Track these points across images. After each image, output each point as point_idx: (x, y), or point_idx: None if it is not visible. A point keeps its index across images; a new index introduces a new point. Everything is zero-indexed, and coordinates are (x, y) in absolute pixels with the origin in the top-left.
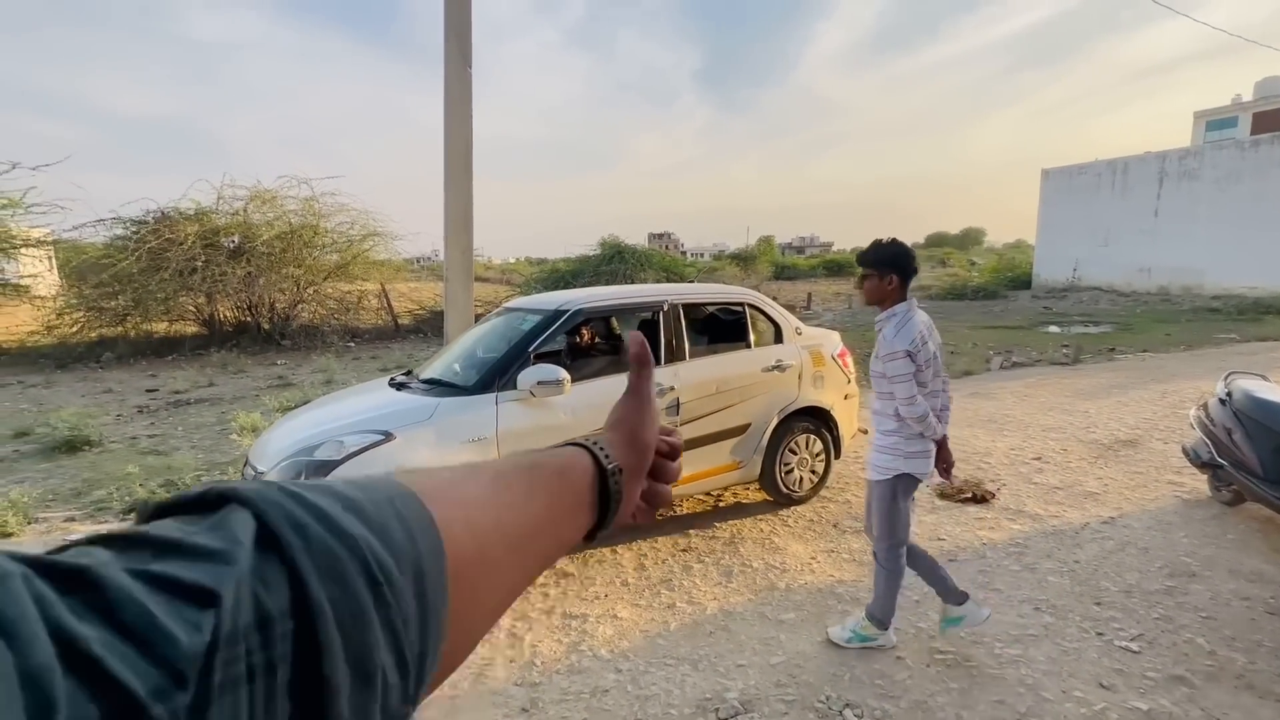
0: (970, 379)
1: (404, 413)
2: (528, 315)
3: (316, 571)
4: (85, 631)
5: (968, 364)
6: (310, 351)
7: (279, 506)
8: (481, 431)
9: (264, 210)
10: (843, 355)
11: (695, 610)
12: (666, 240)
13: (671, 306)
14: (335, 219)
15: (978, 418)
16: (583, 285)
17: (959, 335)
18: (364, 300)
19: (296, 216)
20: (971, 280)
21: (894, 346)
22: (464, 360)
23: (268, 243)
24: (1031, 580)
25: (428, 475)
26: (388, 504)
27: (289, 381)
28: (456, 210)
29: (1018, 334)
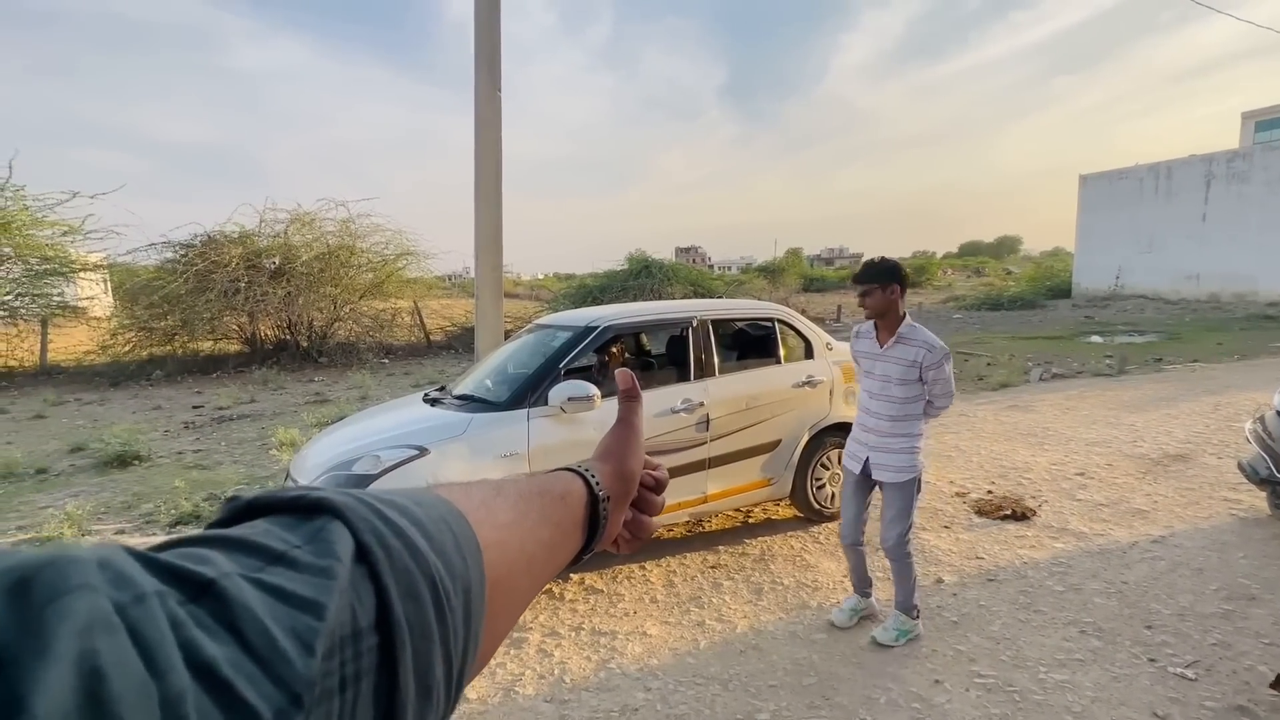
0: (1008, 391)
1: (438, 428)
2: (558, 332)
3: (398, 589)
4: (215, 652)
5: (1005, 375)
6: (346, 368)
7: (368, 522)
8: (514, 447)
9: (303, 232)
10: None
11: (725, 629)
12: (694, 254)
13: (701, 322)
14: (370, 239)
15: (1017, 431)
16: (611, 301)
17: (996, 346)
18: (398, 318)
19: (334, 237)
20: (1008, 289)
21: (941, 353)
22: (495, 376)
23: (306, 263)
24: (1076, 602)
25: (465, 494)
26: (445, 525)
27: (326, 398)
28: (487, 228)
29: (1058, 344)
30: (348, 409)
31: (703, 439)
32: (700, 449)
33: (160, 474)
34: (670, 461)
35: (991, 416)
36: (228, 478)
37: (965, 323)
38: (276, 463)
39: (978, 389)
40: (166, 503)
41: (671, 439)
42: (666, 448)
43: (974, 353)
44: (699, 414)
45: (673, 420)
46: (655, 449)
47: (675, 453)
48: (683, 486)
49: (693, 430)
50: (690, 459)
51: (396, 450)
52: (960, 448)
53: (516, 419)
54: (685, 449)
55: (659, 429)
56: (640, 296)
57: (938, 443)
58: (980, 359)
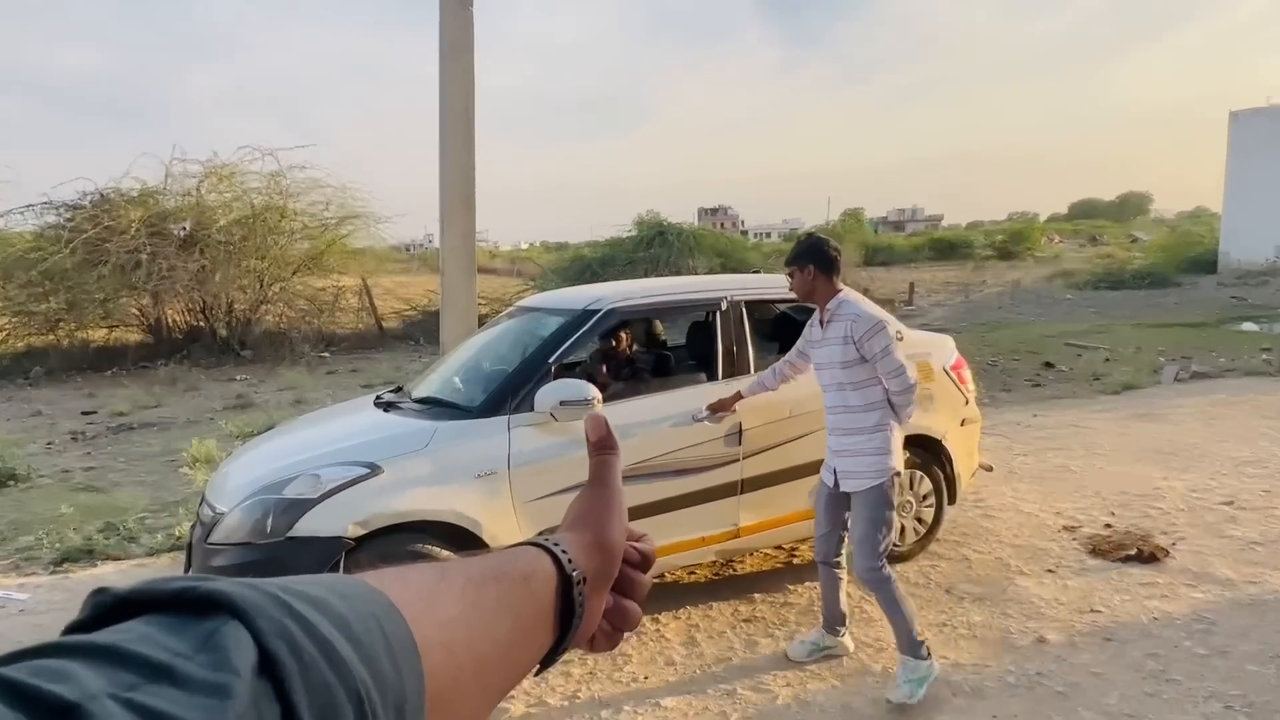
0: (1134, 395)
1: (393, 440)
2: (547, 317)
3: (312, 709)
4: None
5: (1130, 375)
6: (276, 363)
7: (276, 623)
8: (490, 464)
9: (221, 190)
10: (958, 367)
11: (763, 700)
12: (721, 216)
13: (731, 304)
14: (306, 198)
15: (1143, 447)
16: (614, 277)
17: (1117, 336)
18: (341, 299)
19: (259, 196)
20: (1132, 262)
21: (869, 321)
22: (466, 374)
23: (225, 229)
24: (1222, 669)
25: (400, 581)
26: (374, 622)
27: (251, 401)
28: (455, 184)
29: (1199, 334)
30: (279, 416)
31: (734, 455)
32: (731, 468)
33: (42, 498)
34: (691, 484)
35: (1111, 428)
36: (128, 503)
37: (1078, 306)
38: (188, 484)
39: (1093, 392)
40: (50, 534)
41: (692, 455)
42: (685, 466)
43: (1088, 345)
44: (729, 423)
45: (694, 431)
46: (670, 468)
47: (698, 473)
48: (707, 516)
49: (721, 444)
50: (717, 481)
51: (341, 468)
52: (1070, 468)
53: (494, 429)
54: (711, 468)
55: (674, 442)
56: (653, 271)
57: (1038, 462)
58: (1096, 353)
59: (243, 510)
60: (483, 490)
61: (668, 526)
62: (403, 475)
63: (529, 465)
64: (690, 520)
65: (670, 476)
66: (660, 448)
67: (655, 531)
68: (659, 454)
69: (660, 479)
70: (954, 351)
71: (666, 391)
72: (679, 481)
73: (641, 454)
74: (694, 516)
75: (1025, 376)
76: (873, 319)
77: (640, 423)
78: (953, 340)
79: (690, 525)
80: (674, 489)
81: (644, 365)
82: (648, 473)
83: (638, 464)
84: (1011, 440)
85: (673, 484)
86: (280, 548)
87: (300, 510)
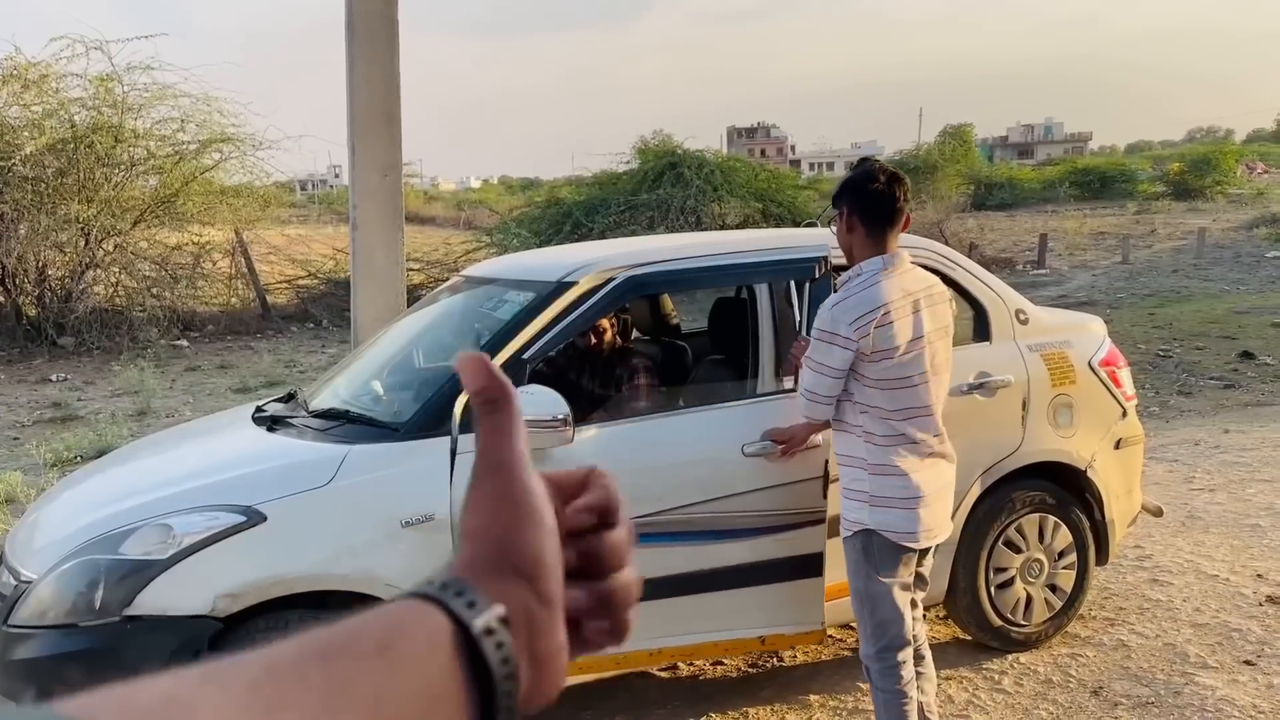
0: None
1: (281, 473)
2: (507, 291)
3: None
4: None
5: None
6: (110, 355)
7: None
8: (424, 507)
9: (26, 100)
10: (1111, 361)
11: None
12: (762, 140)
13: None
14: (153, 113)
15: None
16: (608, 231)
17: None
18: (205, 261)
19: (85, 110)
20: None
21: (822, 321)
22: (391, 375)
23: (33, 160)
24: None
25: (128, 700)
26: None
27: (72, 413)
28: (370, 91)
29: None
30: (113, 435)
31: (818, 511)
32: (813, 533)
33: None
34: (741, 552)
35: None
36: None
37: None
38: None
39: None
40: None
41: (743, 508)
42: (731, 525)
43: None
44: (807, 461)
45: (745, 470)
46: (703, 526)
47: (755, 536)
48: (771, 604)
49: (797, 492)
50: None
51: (203, 515)
52: (1276, 509)
53: (428, 455)
54: (780, 528)
55: (712, 486)
56: (661, 221)
57: (1231, 501)
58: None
59: (60, 577)
60: (413, 545)
61: (701, 614)
62: (294, 525)
63: None
64: (740, 607)
65: (703, 540)
66: (686, 494)
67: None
68: (681, 504)
69: (685, 542)
70: (1105, 339)
71: (693, 411)
72: (720, 548)
73: (653, 502)
74: (747, 602)
75: (1213, 373)
76: (825, 320)
77: (644, 454)
78: (1103, 322)
79: (741, 615)
80: (711, 558)
81: (646, 365)
82: (661, 531)
83: (647, 519)
84: (1192, 469)
85: (709, 551)
86: (115, 632)
87: (144, 577)
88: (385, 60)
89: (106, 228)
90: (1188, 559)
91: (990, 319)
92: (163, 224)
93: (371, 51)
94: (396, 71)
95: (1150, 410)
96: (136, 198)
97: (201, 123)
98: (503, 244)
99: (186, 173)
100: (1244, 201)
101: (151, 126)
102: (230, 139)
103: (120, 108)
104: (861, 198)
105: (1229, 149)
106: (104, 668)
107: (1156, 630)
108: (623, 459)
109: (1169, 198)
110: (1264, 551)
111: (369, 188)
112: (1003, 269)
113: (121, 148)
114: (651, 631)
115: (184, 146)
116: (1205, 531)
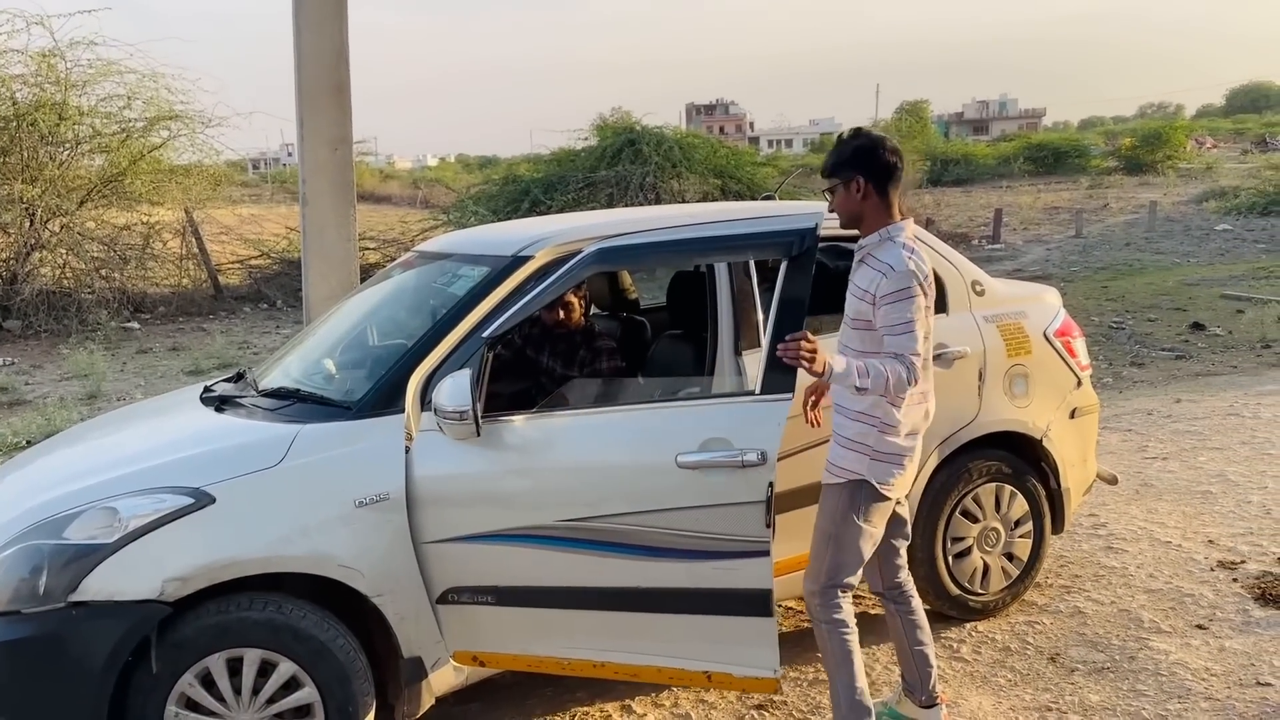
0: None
1: (230, 453)
2: (461, 266)
3: None
4: None
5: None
6: (57, 338)
7: None
8: (378, 486)
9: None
10: (1066, 332)
11: None
12: (721, 117)
13: (815, 241)
14: (97, 90)
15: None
16: (567, 207)
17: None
18: (155, 241)
19: (27, 87)
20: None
21: (901, 282)
22: (343, 353)
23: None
24: None
25: None
26: None
27: (19, 396)
28: (318, 62)
29: None
30: (61, 418)
31: (760, 540)
32: (755, 565)
33: None
34: (681, 574)
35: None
36: None
37: (1239, 239)
38: None
39: (1261, 365)
40: None
41: (682, 527)
42: (673, 545)
43: (1254, 297)
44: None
45: (682, 485)
46: (648, 544)
47: (694, 560)
48: (719, 639)
49: (744, 513)
50: (736, 582)
51: (150, 497)
52: (1228, 477)
53: (382, 433)
54: (716, 555)
55: (646, 498)
56: (621, 198)
57: (1183, 469)
58: (1265, 309)
59: (2, 564)
60: (367, 525)
61: (644, 634)
62: (244, 506)
63: (443, 488)
64: (683, 635)
65: (637, 555)
66: (615, 503)
67: (625, 637)
68: (612, 512)
69: (619, 554)
70: (1060, 310)
71: (628, 403)
72: (657, 567)
73: (584, 507)
74: (689, 630)
75: (1164, 344)
76: (907, 279)
77: (591, 448)
78: (1057, 293)
79: (684, 643)
80: (648, 576)
81: (610, 348)
82: (594, 539)
83: (578, 523)
84: (1145, 438)
85: (646, 568)
86: (59, 619)
87: (89, 561)
88: (333, 29)
89: (52, 208)
90: (1141, 526)
91: (947, 290)
92: (110, 204)
93: (319, 19)
94: (345, 40)
95: (1104, 381)
96: (83, 177)
97: (148, 100)
98: (460, 222)
99: (134, 151)
100: (1194, 175)
101: (96, 104)
102: (178, 116)
103: (64, 85)
104: (876, 165)
105: (1179, 124)
106: (49, 655)
107: (1111, 597)
108: (548, 456)
109: (1121, 172)
110: (1215, 518)
111: (319, 162)
112: (959, 244)
113: (66, 125)
114: (597, 642)
115: (131, 124)
116: (1158, 499)
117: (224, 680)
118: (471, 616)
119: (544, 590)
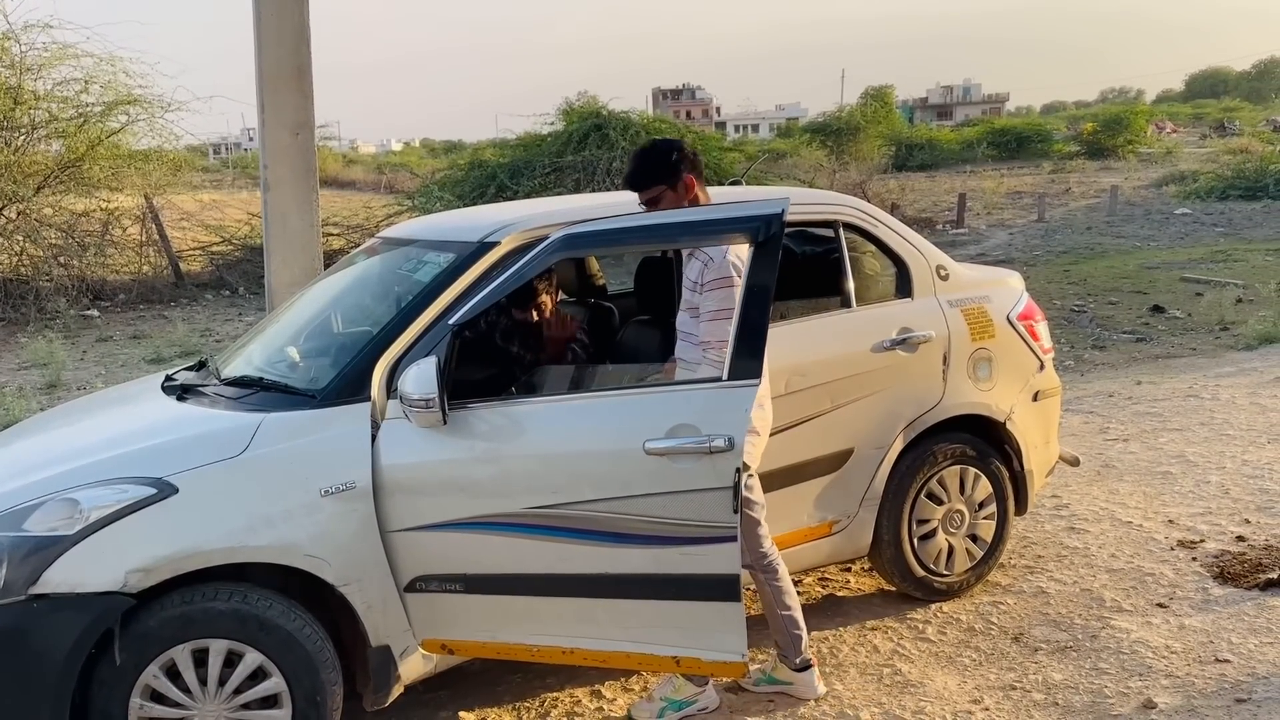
0: (1277, 351)
1: (192, 442)
2: (426, 253)
3: None
4: None
5: (1272, 323)
6: (15, 327)
7: None
8: (344, 475)
9: None
10: (1028, 316)
11: None
12: (687, 102)
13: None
14: (54, 74)
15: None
16: (534, 192)
17: (1253, 267)
18: (115, 228)
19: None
20: (1277, 160)
21: (721, 271)
22: (307, 340)
23: None
24: None
25: None
26: None
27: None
28: (279, 44)
29: None
30: (19, 409)
31: (728, 525)
32: (723, 550)
33: None
34: (645, 563)
35: (1243, 398)
36: None
37: (1198, 223)
38: None
39: (1219, 347)
40: None
41: (649, 513)
42: (640, 531)
43: (1213, 279)
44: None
45: (650, 472)
46: (615, 530)
47: (661, 546)
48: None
49: (700, 503)
50: (702, 568)
51: (111, 488)
52: (1188, 458)
53: (347, 422)
54: (682, 540)
55: (614, 484)
56: (589, 183)
57: (1144, 450)
58: (1224, 291)
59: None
60: (333, 514)
61: (612, 620)
62: (207, 496)
63: (410, 476)
64: (650, 620)
65: (605, 542)
66: (582, 490)
67: (593, 624)
68: (579, 499)
69: (587, 541)
70: (1023, 294)
71: (595, 390)
72: (624, 553)
73: (550, 493)
74: (657, 616)
75: (1125, 327)
76: (726, 269)
77: (559, 438)
78: (1020, 277)
79: (652, 630)
80: (615, 562)
81: (581, 340)
82: (562, 525)
83: (544, 510)
84: (1107, 420)
85: (614, 554)
86: (20, 612)
87: (50, 553)
88: (294, 11)
89: (8, 194)
90: (1103, 507)
91: (912, 275)
92: (68, 190)
93: (280, 1)
94: (306, 22)
95: (1066, 364)
96: (39, 163)
97: (106, 84)
98: (425, 207)
99: (92, 136)
100: (1154, 160)
101: (53, 88)
102: (137, 100)
103: (18, 68)
104: (696, 163)
105: (1140, 109)
106: (10, 648)
107: (1074, 576)
108: (515, 444)
109: (1083, 157)
110: (1175, 498)
111: (280, 146)
112: (923, 228)
113: (21, 110)
114: (565, 629)
115: (88, 109)
116: (1119, 480)
117: (190, 671)
118: (440, 604)
119: (512, 578)
